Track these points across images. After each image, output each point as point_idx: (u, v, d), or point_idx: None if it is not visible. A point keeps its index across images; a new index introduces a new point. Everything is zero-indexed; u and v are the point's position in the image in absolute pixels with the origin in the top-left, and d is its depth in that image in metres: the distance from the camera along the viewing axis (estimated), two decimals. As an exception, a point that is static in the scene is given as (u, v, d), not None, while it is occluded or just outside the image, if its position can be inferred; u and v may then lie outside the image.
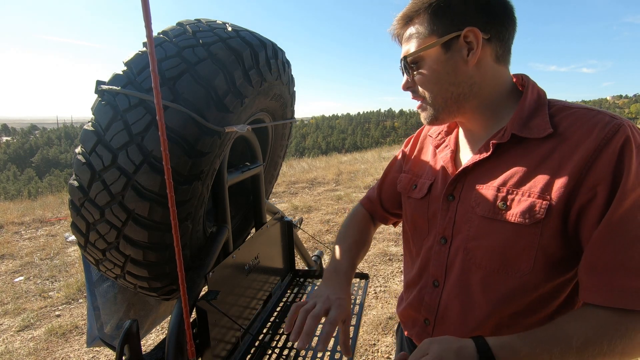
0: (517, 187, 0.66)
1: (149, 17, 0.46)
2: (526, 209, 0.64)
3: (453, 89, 0.72)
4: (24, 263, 3.93)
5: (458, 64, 0.70)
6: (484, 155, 0.72)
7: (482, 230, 0.70)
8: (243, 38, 0.95)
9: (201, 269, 0.93)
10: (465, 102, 0.73)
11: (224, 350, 0.96)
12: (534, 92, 0.73)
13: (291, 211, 5.29)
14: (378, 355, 2.28)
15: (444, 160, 0.82)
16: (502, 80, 0.73)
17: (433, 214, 0.81)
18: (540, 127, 0.67)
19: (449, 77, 0.71)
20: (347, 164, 9.89)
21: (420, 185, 0.87)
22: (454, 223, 0.76)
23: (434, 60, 0.71)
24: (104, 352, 2.48)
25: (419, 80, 0.74)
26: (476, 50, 0.68)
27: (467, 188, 0.74)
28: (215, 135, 0.86)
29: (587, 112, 0.66)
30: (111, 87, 0.82)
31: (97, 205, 0.82)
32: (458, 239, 0.75)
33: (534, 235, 0.64)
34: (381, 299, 2.90)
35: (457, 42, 0.69)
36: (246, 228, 1.43)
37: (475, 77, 0.71)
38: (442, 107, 0.74)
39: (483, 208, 0.70)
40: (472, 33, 0.67)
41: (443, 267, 0.78)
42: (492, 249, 0.69)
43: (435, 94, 0.73)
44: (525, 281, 0.67)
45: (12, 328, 2.80)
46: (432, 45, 0.70)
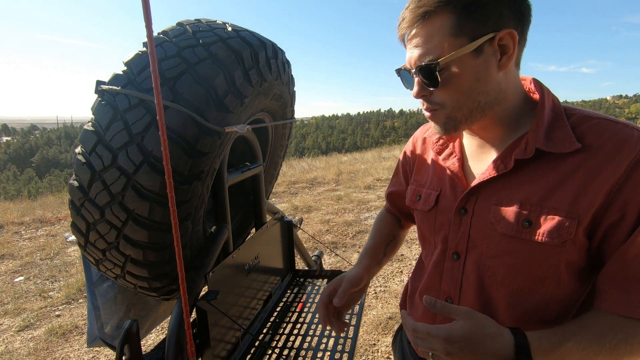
0: (541, 205, 0.62)
1: (149, 17, 0.46)
2: (554, 228, 0.61)
3: (481, 97, 0.64)
4: (24, 263, 3.93)
5: (490, 69, 0.62)
6: (504, 170, 0.66)
7: (503, 248, 0.66)
8: (243, 38, 0.95)
9: (201, 269, 0.93)
10: (489, 109, 0.66)
11: (224, 350, 0.96)
12: (550, 99, 0.67)
13: (291, 211, 5.29)
14: (378, 355, 2.28)
15: (452, 169, 0.76)
16: (519, 85, 0.69)
17: (440, 227, 0.76)
18: (564, 141, 0.62)
19: (478, 85, 0.63)
20: (347, 164, 9.89)
21: (425, 196, 0.82)
22: (468, 238, 0.71)
23: (463, 65, 0.61)
24: (104, 352, 2.48)
25: (440, 90, 0.65)
26: (512, 55, 0.61)
27: (483, 202, 0.69)
28: (215, 135, 0.86)
29: (612, 125, 0.61)
30: (111, 87, 0.82)
31: (97, 205, 0.82)
32: (474, 255, 0.70)
33: (561, 253, 0.62)
34: (381, 299, 2.91)
35: (490, 45, 0.61)
36: (246, 228, 1.43)
37: (502, 83, 0.64)
38: (466, 118, 0.67)
39: (505, 226, 0.65)
40: (509, 35, 0.60)
41: (457, 284, 0.73)
42: (516, 267, 0.65)
43: (461, 103, 0.65)
44: (550, 297, 0.65)
45: (12, 328, 2.80)
46: (463, 51, 0.60)
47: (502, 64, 0.62)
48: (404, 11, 0.65)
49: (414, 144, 0.92)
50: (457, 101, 0.65)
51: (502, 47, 0.61)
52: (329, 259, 3.61)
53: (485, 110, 0.66)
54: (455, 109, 0.66)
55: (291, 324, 1.18)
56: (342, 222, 4.68)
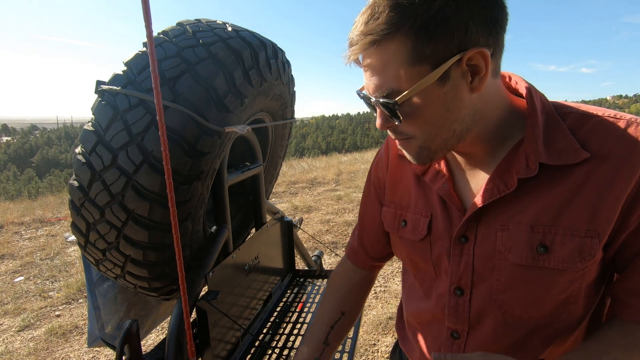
0: (554, 225, 0.55)
1: (149, 17, 0.46)
2: (574, 251, 0.55)
3: (456, 126, 0.56)
4: (24, 263, 3.93)
5: (461, 95, 0.53)
6: (506, 191, 0.58)
7: (517, 280, 0.59)
8: (243, 38, 0.95)
9: (201, 269, 0.93)
10: (467, 133, 0.58)
11: (224, 350, 0.96)
12: (538, 100, 0.59)
13: (291, 211, 5.28)
14: (378, 355, 2.28)
15: (443, 193, 0.66)
16: (500, 94, 0.59)
17: (439, 258, 0.67)
18: (569, 150, 0.55)
19: (450, 114, 0.55)
20: (347, 164, 9.88)
21: (412, 222, 0.71)
22: (472, 270, 0.63)
23: (428, 96, 0.53)
24: (104, 352, 2.48)
25: (406, 122, 0.56)
26: (484, 75, 0.52)
27: (486, 227, 0.61)
28: (215, 135, 0.86)
29: (614, 122, 0.55)
30: (111, 87, 0.82)
31: (97, 205, 0.82)
32: (482, 290, 0.62)
33: (583, 276, 0.57)
34: (381, 299, 2.90)
35: (457, 68, 0.51)
36: (246, 228, 1.43)
37: (478, 104, 0.56)
38: (441, 148, 0.59)
39: (517, 254, 0.58)
40: (479, 54, 0.50)
41: (464, 320, 0.65)
42: (536, 299, 0.59)
43: (433, 135, 0.57)
44: (571, 319, 0.62)
45: (12, 328, 2.80)
46: (426, 82, 0.51)
47: (475, 87, 0.53)
48: (352, 32, 0.54)
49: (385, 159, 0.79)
50: (429, 133, 0.57)
51: (472, 67, 0.52)
52: (329, 259, 3.61)
53: (463, 136, 0.58)
54: (427, 140, 0.58)
55: (291, 324, 1.18)
56: (342, 222, 4.68)
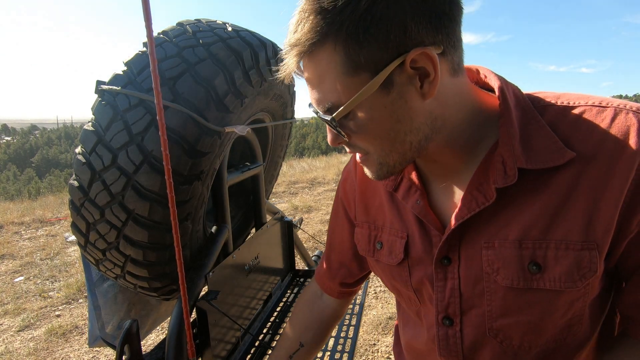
0: (544, 239, 0.48)
1: (149, 17, 0.46)
2: (571, 267, 0.48)
3: (411, 137, 0.49)
4: (24, 263, 3.93)
5: (411, 102, 0.46)
6: (485, 203, 0.51)
7: (512, 305, 0.52)
8: (243, 38, 0.95)
9: (201, 269, 0.93)
10: (429, 142, 0.51)
11: (224, 350, 0.96)
12: (510, 93, 0.52)
13: (291, 211, 5.29)
14: (378, 356, 2.28)
15: (417, 210, 0.58)
16: (464, 94, 0.51)
17: (419, 284, 0.60)
18: (551, 149, 0.48)
19: (402, 126, 0.48)
20: (347, 163, 9.88)
21: (388, 244, 0.63)
22: (460, 296, 0.55)
23: (372, 107, 0.46)
24: (104, 352, 2.48)
25: (357, 138, 0.50)
26: (434, 78, 0.45)
27: (468, 245, 0.54)
28: (215, 135, 0.86)
29: (599, 111, 0.49)
30: (111, 87, 0.82)
31: (97, 205, 0.82)
32: (473, 318, 0.55)
33: (585, 294, 0.50)
34: (381, 299, 2.90)
35: (401, 73, 0.45)
36: (246, 228, 1.43)
37: (435, 109, 0.48)
38: (400, 162, 0.52)
39: (507, 275, 0.51)
40: (422, 55, 0.43)
41: (458, 354, 0.58)
42: (535, 325, 0.52)
43: (387, 150, 0.51)
44: (578, 340, 0.55)
45: (12, 328, 2.80)
46: (365, 93, 0.45)
47: (426, 92, 0.46)
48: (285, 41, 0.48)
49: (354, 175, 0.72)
50: (381, 148, 0.51)
51: (420, 70, 0.45)
52: (329, 259, 3.60)
53: (424, 146, 0.51)
54: (382, 156, 0.52)
55: (291, 324, 1.18)
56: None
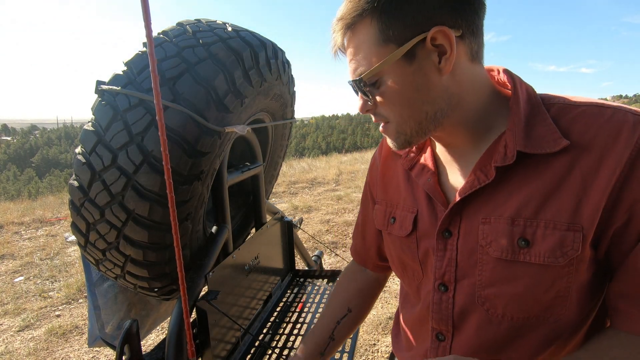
0: (536, 217, 0.53)
1: (149, 17, 0.46)
2: (555, 245, 0.52)
3: (428, 107, 0.56)
4: (24, 263, 3.93)
5: (429, 74, 0.54)
6: (485, 181, 0.57)
7: (500, 275, 0.57)
8: (243, 38, 0.95)
9: (201, 269, 0.93)
10: (444, 118, 0.58)
11: (224, 350, 0.96)
12: (523, 90, 0.58)
13: (291, 211, 5.28)
14: (378, 356, 2.28)
15: (427, 187, 0.65)
16: (482, 81, 0.59)
17: (425, 254, 0.66)
18: (548, 138, 0.53)
19: (420, 95, 0.55)
20: (347, 164, 9.88)
21: (400, 218, 0.70)
22: (456, 266, 0.61)
23: (396, 75, 0.54)
24: (104, 352, 2.48)
25: (380, 103, 0.58)
26: (450, 55, 0.52)
27: (468, 221, 0.59)
28: (215, 135, 0.86)
29: (599, 111, 0.53)
30: (111, 87, 0.82)
31: (97, 205, 0.82)
32: (465, 285, 0.60)
33: (569, 274, 0.53)
34: (381, 298, 2.90)
35: (422, 48, 0.52)
36: (246, 228, 1.43)
37: (452, 86, 0.55)
38: (416, 131, 0.58)
39: (497, 248, 0.56)
40: (441, 33, 0.51)
41: (448, 320, 0.63)
42: (519, 297, 0.56)
43: (405, 117, 0.57)
44: (562, 324, 0.57)
45: (12, 328, 2.80)
46: (391, 59, 0.53)
47: (442, 67, 0.53)
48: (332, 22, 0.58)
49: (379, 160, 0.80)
50: (400, 115, 0.57)
51: (439, 47, 0.52)
52: (329, 259, 3.61)
53: (439, 120, 0.58)
54: (400, 123, 0.58)
55: (291, 324, 1.18)
56: (342, 222, 4.68)
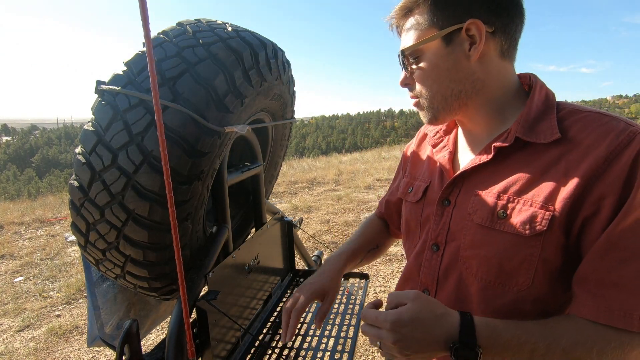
0: (518, 195, 0.62)
1: (147, 16, 0.46)
2: (527, 219, 0.59)
3: (454, 85, 0.67)
4: (24, 263, 3.93)
5: (459, 58, 0.65)
6: (485, 159, 0.67)
7: (478, 239, 0.65)
8: (243, 38, 0.95)
9: (201, 269, 0.93)
10: (467, 100, 0.68)
11: (224, 350, 0.96)
12: (542, 92, 0.67)
13: (291, 211, 5.29)
14: (378, 355, 2.28)
15: (441, 162, 0.77)
16: (507, 77, 0.68)
17: (426, 218, 0.77)
18: (547, 132, 0.62)
19: (449, 73, 0.66)
20: (347, 164, 9.88)
21: (415, 188, 0.83)
22: (448, 229, 0.71)
23: (433, 54, 0.66)
24: (104, 352, 2.48)
25: (417, 76, 0.69)
26: (479, 44, 0.63)
27: (465, 193, 0.69)
28: (215, 135, 0.86)
29: (599, 117, 0.60)
30: (111, 87, 0.81)
31: (97, 205, 0.82)
32: (452, 247, 0.70)
33: (534, 247, 0.60)
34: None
35: (458, 36, 0.64)
36: (246, 228, 1.43)
37: (478, 73, 0.66)
38: (443, 106, 0.69)
39: (480, 215, 0.65)
40: (474, 25, 0.62)
41: (434, 275, 0.73)
42: (488, 260, 0.64)
43: (434, 91, 0.68)
44: (523, 296, 0.62)
45: (12, 328, 2.80)
46: (431, 39, 0.65)
47: (471, 54, 0.64)
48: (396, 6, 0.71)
49: (415, 140, 0.95)
50: (431, 89, 0.68)
51: (471, 38, 0.64)
52: (329, 259, 3.60)
53: (463, 99, 0.68)
54: (430, 97, 0.69)
55: (291, 324, 1.18)
56: (342, 222, 4.68)
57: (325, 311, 0.84)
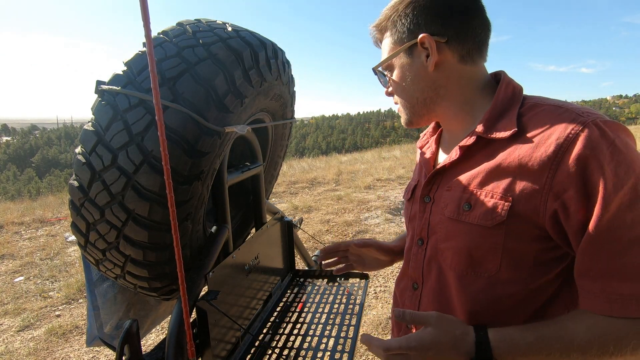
0: (480, 188, 0.66)
1: (148, 16, 0.46)
2: (488, 210, 0.63)
3: (418, 94, 0.74)
4: (24, 263, 3.93)
5: (419, 69, 0.72)
6: (454, 158, 0.72)
7: (450, 232, 0.70)
8: (243, 38, 0.95)
9: (201, 269, 0.93)
10: (434, 105, 0.75)
11: (224, 350, 0.96)
12: (508, 89, 0.71)
13: (291, 211, 5.28)
14: (378, 355, 2.28)
15: (424, 162, 0.84)
16: (471, 80, 0.73)
17: (414, 215, 0.82)
18: (506, 127, 0.65)
19: (412, 83, 0.73)
20: (347, 164, 9.88)
21: (408, 187, 0.90)
22: (428, 224, 0.76)
23: (399, 67, 0.74)
24: (104, 352, 2.48)
25: (392, 87, 0.78)
26: (432, 55, 0.69)
27: (440, 190, 0.75)
28: (215, 135, 0.86)
29: (553, 110, 0.63)
30: (111, 87, 0.82)
31: (97, 205, 0.82)
32: (432, 240, 0.75)
33: (497, 236, 0.63)
34: (381, 299, 2.91)
35: (416, 49, 0.71)
36: (246, 228, 1.43)
37: (439, 80, 0.72)
38: (413, 112, 0.77)
39: (450, 209, 0.70)
40: (426, 39, 0.68)
41: (420, 269, 0.78)
42: (459, 250, 0.68)
43: (405, 99, 0.76)
44: (493, 282, 0.66)
45: (12, 328, 2.80)
46: (396, 54, 0.73)
47: (427, 64, 0.70)
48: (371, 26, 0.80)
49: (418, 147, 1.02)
50: (401, 97, 0.77)
51: (427, 50, 0.70)
52: (329, 259, 3.60)
53: (429, 105, 0.75)
54: (402, 104, 0.78)
55: (291, 324, 1.18)
56: (342, 222, 4.68)
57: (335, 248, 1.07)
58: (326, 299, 1.30)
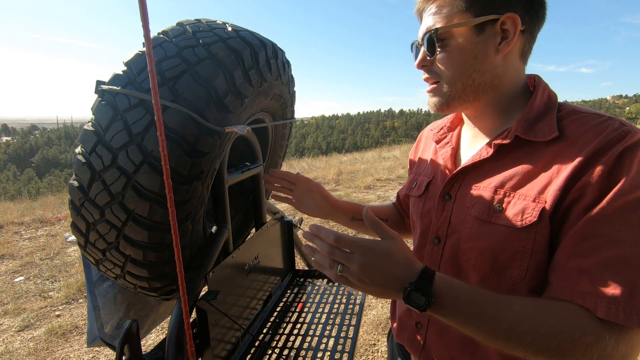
0: (514, 190, 0.63)
1: (147, 16, 0.46)
2: (519, 211, 0.61)
3: (476, 76, 0.66)
4: (24, 263, 3.93)
5: (488, 50, 0.65)
6: (485, 156, 0.69)
7: (475, 232, 0.67)
8: (243, 38, 0.95)
9: (201, 269, 0.93)
10: (482, 93, 0.69)
11: (224, 350, 0.96)
12: (545, 94, 0.69)
13: (291, 211, 5.28)
14: (378, 356, 2.28)
15: (443, 157, 0.80)
16: (520, 77, 0.70)
17: (426, 212, 0.79)
18: (545, 131, 0.63)
19: (475, 63, 0.65)
20: (347, 164, 9.88)
21: (419, 183, 0.86)
22: (449, 223, 0.73)
23: (463, 39, 0.65)
24: (104, 352, 2.48)
25: (441, 59, 0.67)
26: (510, 40, 0.64)
27: (465, 188, 0.71)
28: (215, 135, 0.86)
29: (595, 117, 0.62)
30: (111, 87, 0.82)
31: (97, 205, 0.82)
32: (452, 240, 0.72)
33: (526, 240, 0.61)
34: (381, 299, 2.90)
35: (492, 27, 0.63)
36: (246, 228, 1.43)
37: (499, 68, 0.66)
38: (459, 94, 0.69)
39: (478, 209, 0.67)
40: (511, 20, 0.62)
41: (436, 267, 0.75)
42: (484, 251, 0.66)
43: (456, 77, 0.67)
44: (517, 289, 0.63)
45: (12, 328, 2.80)
46: (465, 23, 0.63)
47: (501, 48, 0.64)
48: None
49: (421, 138, 0.99)
50: (453, 75, 0.67)
51: (504, 32, 0.64)
52: (329, 259, 3.60)
53: (479, 92, 0.68)
54: (450, 82, 0.68)
55: (291, 324, 1.18)
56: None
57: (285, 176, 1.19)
58: (326, 299, 1.30)
